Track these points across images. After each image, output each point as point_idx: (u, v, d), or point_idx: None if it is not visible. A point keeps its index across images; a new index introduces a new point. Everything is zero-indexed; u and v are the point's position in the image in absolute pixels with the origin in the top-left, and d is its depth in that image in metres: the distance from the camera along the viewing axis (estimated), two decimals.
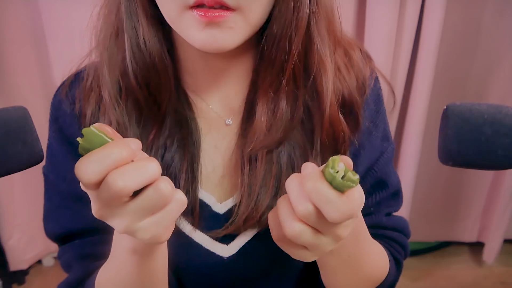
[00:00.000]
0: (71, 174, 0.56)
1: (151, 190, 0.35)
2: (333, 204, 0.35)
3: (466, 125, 0.33)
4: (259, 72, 0.52)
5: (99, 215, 0.37)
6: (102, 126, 0.36)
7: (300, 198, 0.37)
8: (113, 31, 0.51)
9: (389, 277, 0.59)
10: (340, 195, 0.35)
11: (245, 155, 0.54)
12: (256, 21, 0.46)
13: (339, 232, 0.38)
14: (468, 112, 0.34)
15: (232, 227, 0.54)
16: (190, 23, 0.44)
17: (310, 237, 0.38)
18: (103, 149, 0.34)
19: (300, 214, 0.36)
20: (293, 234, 0.37)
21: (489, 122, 0.33)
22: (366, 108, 0.58)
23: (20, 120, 0.32)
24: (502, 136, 0.33)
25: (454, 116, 0.34)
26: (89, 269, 0.56)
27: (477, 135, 0.33)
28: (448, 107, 0.35)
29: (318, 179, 0.35)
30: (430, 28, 1.28)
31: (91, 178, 0.33)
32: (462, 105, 0.34)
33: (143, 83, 0.51)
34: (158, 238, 0.38)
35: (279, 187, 0.54)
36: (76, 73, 0.59)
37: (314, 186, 0.35)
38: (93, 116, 0.55)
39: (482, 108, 0.34)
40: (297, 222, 0.37)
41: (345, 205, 0.35)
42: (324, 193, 0.35)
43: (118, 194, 0.33)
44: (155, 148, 0.54)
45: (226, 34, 0.44)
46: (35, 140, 0.33)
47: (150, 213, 0.36)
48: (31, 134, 0.33)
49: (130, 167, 0.34)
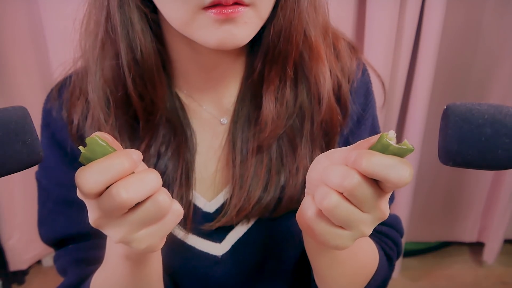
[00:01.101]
0: (64, 180, 0.57)
1: (150, 202, 0.35)
2: (397, 167, 0.33)
3: (466, 125, 0.33)
4: (265, 64, 0.52)
5: (97, 224, 0.37)
6: (103, 135, 0.36)
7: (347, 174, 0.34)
8: (100, 43, 0.50)
9: (380, 273, 0.58)
10: (399, 159, 0.34)
11: (237, 148, 0.54)
12: (266, 15, 0.46)
13: (383, 207, 0.37)
14: (468, 112, 0.34)
15: (224, 219, 0.54)
16: (205, 23, 0.43)
17: (348, 209, 0.35)
18: (106, 159, 0.34)
19: (349, 186, 0.34)
20: (330, 204, 0.35)
21: (489, 122, 0.33)
22: (356, 101, 0.58)
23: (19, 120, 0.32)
24: (502, 136, 0.33)
25: (454, 116, 0.34)
26: (83, 274, 0.56)
27: (477, 135, 0.33)
28: (448, 107, 0.35)
29: (372, 153, 0.34)
30: (430, 28, 1.28)
31: (93, 188, 0.33)
32: (462, 105, 0.34)
33: (139, 96, 0.51)
34: (153, 248, 0.38)
35: (270, 177, 0.54)
36: (65, 78, 0.58)
37: (372, 159, 0.33)
38: (80, 126, 0.54)
39: (482, 108, 0.34)
40: (334, 193, 0.35)
41: (407, 166, 0.33)
42: (385, 160, 0.33)
43: (121, 206, 0.33)
44: (147, 158, 0.53)
45: (241, 30, 0.44)
46: (35, 140, 0.33)
47: (147, 225, 0.36)
48: (30, 134, 0.33)
49: (134, 179, 0.34)
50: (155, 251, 0.39)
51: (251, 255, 0.58)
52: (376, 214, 0.37)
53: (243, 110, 0.56)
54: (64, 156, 0.56)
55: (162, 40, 0.52)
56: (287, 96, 0.54)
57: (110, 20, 0.48)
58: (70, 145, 0.56)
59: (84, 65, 0.53)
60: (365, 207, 0.36)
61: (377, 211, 0.37)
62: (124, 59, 0.48)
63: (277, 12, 0.48)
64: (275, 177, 0.54)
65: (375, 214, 0.37)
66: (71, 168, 0.56)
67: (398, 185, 0.34)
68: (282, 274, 0.62)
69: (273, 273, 0.61)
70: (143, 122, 0.52)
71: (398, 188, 0.34)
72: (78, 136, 0.55)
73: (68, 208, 0.57)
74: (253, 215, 0.55)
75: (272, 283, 0.62)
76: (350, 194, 0.35)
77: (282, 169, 0.55)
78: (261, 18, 0.46)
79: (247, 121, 0.55)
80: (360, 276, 0.55)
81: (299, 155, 0.55)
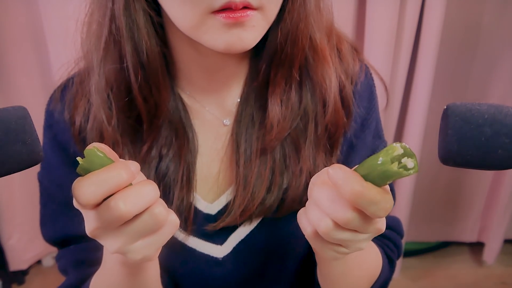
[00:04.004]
0: (65, 181, 0.56)
1: (147, 215, 0.35)
2: (378, 205, 0.34)
3: (466, 125, 0.33)
4: (271, 66, 0.52)
5: (93, 234, 0.37)
6: (101, 145, 0.36)
7: (337, 205, 0.36)
8: (104, 45, 0.49)
9: (382, 276, 0.59)
10: (381, 192, 0.34)
11: (240, 149, 0.54)
12: (273, 18, 0.46)
13: (379, 225, 0.38)
14: (468, 112, 0.34)
15: (229, 219, 0.54)
16: (214, 27, 0.43)
17: (343, 233, 0.37)
18: (104, 171, 0.34)
19: (342, 222, 0.36)
20: (325, 229, 0.37)
21: (489, 122, 0.33)
22: (360, 104, 0.58)
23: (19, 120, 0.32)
24: (502, 136, 0.33)
25: (454, 116, 0.34)
26: (83, 275, 0.56)
27: (477, 135, 0.33)
28: (448, 107, 0.35)
29: (357, 182, 0.34)
30: (430, 28, 1.28)
31: (91, 200, 0.33)
32: (462, 105, 0.34)
33: (143, 99, 0.50)
34: (149, 258, 0.38)
35: (273, 178, 0.54)
36: (67, 80, 0.58)
37: (355, 191, 0.33)
38: (82, 127, 0.54)
39: (482, 108, 0.34)
40: (327, 219, 0.37)
41: (388, 201, 0.34)
42: (367, 195, 0.33)
43: (120, 219, 0.34)
44: (149, 160, 0.53)
45: (249, 33, 0.44)
46: (35, 140, 0.33)
47: (143, 236, 0.36)
48: (30, 134, 0.33)
49: (132, 192, 0.34)
50: (151, 261, 0.40)
51: (253, 257, 0.58)
52: (372, 232, 0.39)
53: (246, 111, 0.55)
54: (66, 157, 0.56)
55: (166, 42, 0.52)
56: (293, 99, 0.54)
57: (115, 22, 0.47)
58: (72, 147, 0.56)
59: (87, 66, 0.53)
60: (361, 231, 0.38)
61: (374, 230, 0.38)
62: (129, 62, 0.48)
63: (284, 15, 0.48)
64: (279, 178, 0.54)
65: (371, 232, 0.39)
66: (73, 170, 0.56)
67: (376, 218, 0.35)
68: (284, 276, 0.62)
69: (275, 274, 0.61)
70: (147, 124, 0.52)
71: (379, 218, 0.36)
72: (80, 138, 0.55)
73: (69, 209, 0.57)
74: (256, 216, 0.55)
75: (274, 285, 0.62)
76: (345, 225, 0.36)
77: (286, 171, 0.55)
78: (268, 21, 0.46)
79: (251, 122, 0.55)
80: (365, 280, 0.56)
81: (302, 157, 0.55)
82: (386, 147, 0.34)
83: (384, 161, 0.33)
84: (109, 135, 0.52)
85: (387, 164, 0.33)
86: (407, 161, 0.33)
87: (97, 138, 0.53)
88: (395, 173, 0.33)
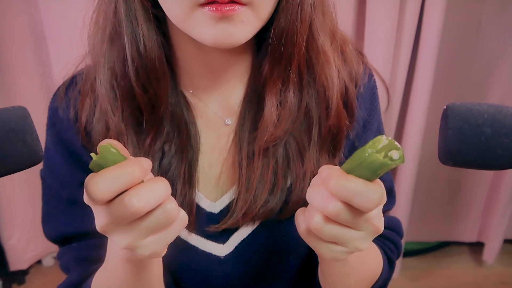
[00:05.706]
0: (68, 179, 0.57)
1: (160, 210, 0.36)
2: (362, 195, 0.34)
3: (466, 125, 0.33)
4: (267, 66, 0.52)
5: (104, 230, 0.37)
6: (114, 142, 0.36)
7: (326, 198, 0.36)
8: (108, 36, 0.50)
9: (382, 276, 0.59)
10: (365, 182, 0.35)
11: (243, 150, 0.54)
12: (265, 16, 0.46)
13: (374, 222, 0.38)
14: (468, 112, 0.34)
15: (231, 221, 0.54)
16: (201, 20, 0.43)
17: (333, 229, 0.37)
18: (118, 167, 0.34)
19: (330, 213, 0.36)
20: (316, 225, 0.37)
21: (489, 122, 0.33)
22: (362, 106, 0.59)
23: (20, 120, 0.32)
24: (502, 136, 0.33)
25: (454, 116, 0.34)
26: (86, 272, 0.56)
27: (477, 135, 0.33)
28: (448, 107, 0.35)
29: (340, 175, 0.35)
30: (430, 28, 1.28)
31: (104, 196, 0.33)
32: (462, 105, 0.34)
33: (142, 88, 0.51)
34: (157, 254, 0.38)
35: (276, 181, 0.54)
36: (72, 77, 0.58)
37: (338, 183, 0.35)
38: (88, 121, 0.54)
39: (482, 108, 0.34)
40: (318, 215, 0.37)
41: (375, 192, 0.35)
42: (350, 186, 0.34)
43: (133, 214, 0.34)
44: (152, 153, 0.54)
45: (237, 29, 0.44)
46: (35, 140, 0.33)
47: (154, 232, 0.37)
48: (31, 134, 0.33)
49: (145, 188, 0.35)
50: (159, 257, 0.40)
51: (255, 256, 0.58)
52: (369, 230, 0.39)
53: (249, 112, 0.55)
54: (69, 155, 0.56)
55: (168, 38, 0.52)
56: (290, 100, 0.53)
57: (117, 13, 0.49)
58: (75, 144, 0.56)
59: (93, 61, 0.54)
60: (354, 226, 0.38)
61: (370, 227, 0.38)
62: (128, 51, 0.49)
63: (278, 14, 0.48)
64: (282, 181, 0.54)
65: (367, 230, 0.39)
66: (76, 168, 0.56)
67: (365, 210, 0.35)
68: (286, 276, 0.62)
69: (276, 274, 0.61)
70: (147, 114, 0.52)
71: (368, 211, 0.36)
72: (86, 134, 0.55)
73: (71, 207, 0.57)
74: (259, 218, 0.55)
75: (275, 284, 0.62)
76: (335, 218, 0.36)
77: (289, 173, 0.55)
78: (260, 18, 0.46)
79: (253, 124, 0.55)
80: (366, 281, 0.56)
81: (306, 159, 0.54)
82: (372, 139, 0.35)
83: (371, 153, 0.34)
84: (114, 126, 0.52)
85: (374, 155, 0.34)
86: (392, 153, 0.34)
87: (103, 129, 0.53)
88: (382, 163, 0.34)
